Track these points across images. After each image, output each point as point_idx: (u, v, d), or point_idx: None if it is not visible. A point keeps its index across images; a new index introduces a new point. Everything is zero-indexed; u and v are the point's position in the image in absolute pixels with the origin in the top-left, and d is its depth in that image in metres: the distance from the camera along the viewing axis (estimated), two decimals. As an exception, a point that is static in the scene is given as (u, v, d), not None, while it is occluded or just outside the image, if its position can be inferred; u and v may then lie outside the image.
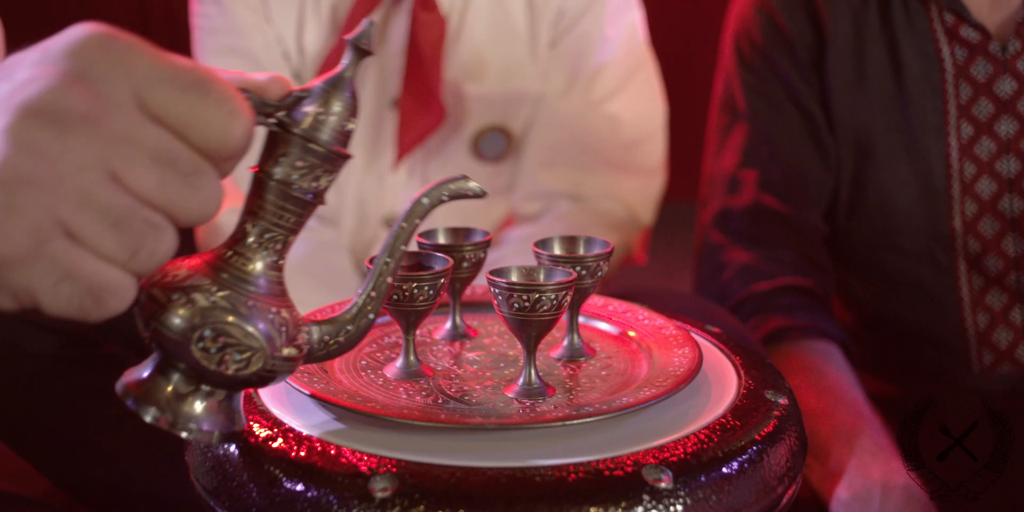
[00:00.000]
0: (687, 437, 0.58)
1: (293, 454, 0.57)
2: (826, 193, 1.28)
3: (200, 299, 0.51)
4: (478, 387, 0.66)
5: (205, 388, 0.54)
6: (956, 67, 1.23)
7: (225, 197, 0.71)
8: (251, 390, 0.64)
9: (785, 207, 1.26)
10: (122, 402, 0.54)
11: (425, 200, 0.58)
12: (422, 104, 1.32)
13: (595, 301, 0.78)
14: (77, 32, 0.47)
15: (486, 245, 0.73)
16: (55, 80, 0.45)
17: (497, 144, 1.38)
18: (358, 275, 1.37)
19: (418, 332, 0.72)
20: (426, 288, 0.65)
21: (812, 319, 1.20)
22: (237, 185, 1.32)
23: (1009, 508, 1.09)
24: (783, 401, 0.64)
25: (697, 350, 0.68)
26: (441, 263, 0.67)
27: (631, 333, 0.74)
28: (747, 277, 1.24)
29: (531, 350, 0.64)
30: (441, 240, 0.73)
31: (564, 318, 0.70)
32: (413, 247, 0.69)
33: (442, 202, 0.58)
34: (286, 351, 0.54)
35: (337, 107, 0.53)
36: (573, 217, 1.35)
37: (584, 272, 0.67)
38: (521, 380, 0.65)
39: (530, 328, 0.62)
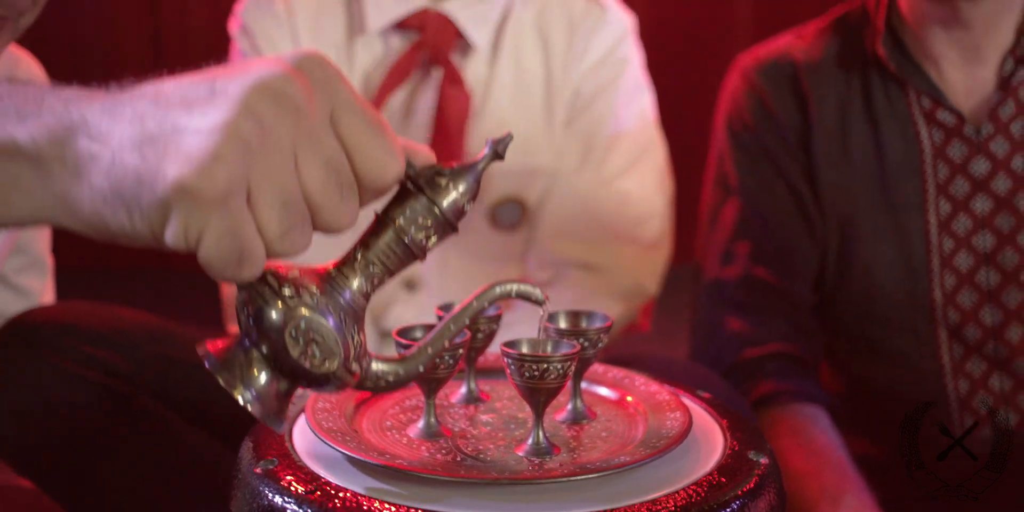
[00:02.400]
0: (677, 492, 0.66)
1: (331, 505, 0.64)
2: (813, 265, 1.36)
3: (306, 296, 0.60)
4: (492, 446, 0.74)
5: (274, 373, 0.62)
6: (934, 148, 1.30)
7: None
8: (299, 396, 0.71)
9: (775, 278, 1.34)
10: (200, 361, 0.62)
11: (498, 289, 0.68)
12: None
13: (597, 369, 0.86)
14: (300, 50, 0.58)
15: (498, 319, 0.81)
16: (287, 70, 0.54)
17: (512, 213, 1.46)
18: (376, 333, 1.45)
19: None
20: (447, 358, 0.73)
21: (799, 384, 1.27)
22: None
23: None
24: (764, 461, 0.72)
25: (688, 414, 0.76)
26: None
27: (629, 398, 0.82)
28: (739, 344, 1.31)
29: (539, 413, 0.72)
30: None
31: (569, 385, 0.78)
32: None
33: (509, 296, 0.68)
34: (353, 366, 0.62)
35: (463, 187, 0.63)
36: (583, 285, 1.42)
37: (587, 344, 0.76)
38: (530, 440, 0.72)
39: (539, 394, 0.70)
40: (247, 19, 1.44)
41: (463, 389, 0.84)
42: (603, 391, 0.85)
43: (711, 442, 0.75)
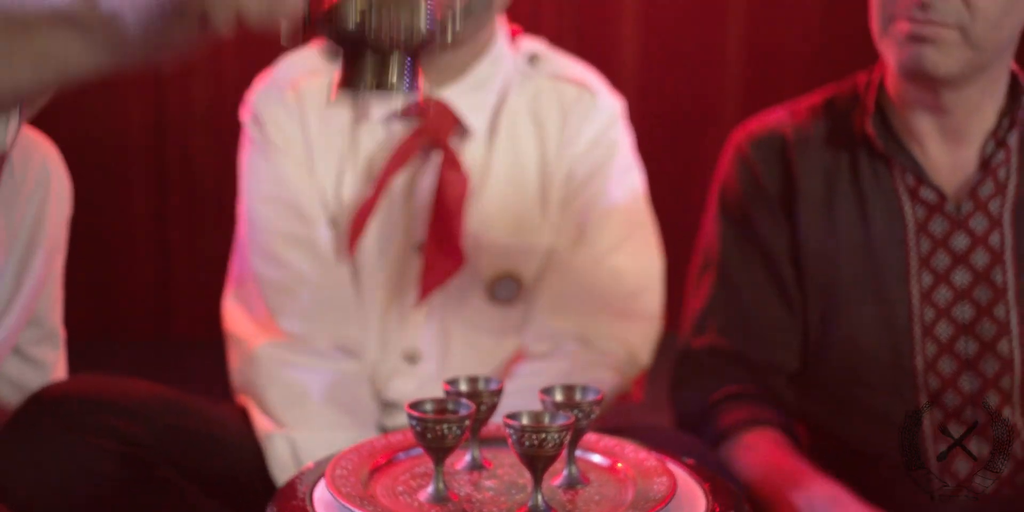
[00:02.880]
0: (663, 550, 0.74)
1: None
2: (792, 335, 1.41)
3: None
4: (495, 509, 0.81)
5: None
6: (917, 223, 1.36)
7: (264, 332, 0.91)
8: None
9: (741, 347, 1.40)
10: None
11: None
12: (444, 250, 1.46)
13: (590, 437, 0.94)
14: None
15: (499, 393, 0.89)
16: None
17: (509, 289, 1.52)
18: (378, 406, 1.51)
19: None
20: (454, 429, 0.81)
21: (752, 412, 1.32)
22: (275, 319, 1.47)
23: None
24: (743, 520, 0.80)
25: (673, 479, 0.83)
26: (465, 408, 0.83)
27: (619, 465, 0.90)
28: (700, 401, 1.37)
29: (538, 479, 0.79)
30: (463, 387, 0.90)
31: (564, 452, 0.86)
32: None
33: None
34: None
35: None
36: (578, 357, 1.47)
37: (581, 415, 0.84)
38: (530, 504, 0.80)
39: (537, 461, 0.78)
40: (258, 107, 1.51)
41: (468, 457, 0.91)
42: (596, 458, 0.92)
43: (694, 504, 0.83)
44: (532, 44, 1.58)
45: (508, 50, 1.54)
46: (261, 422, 1.39)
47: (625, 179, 1.56)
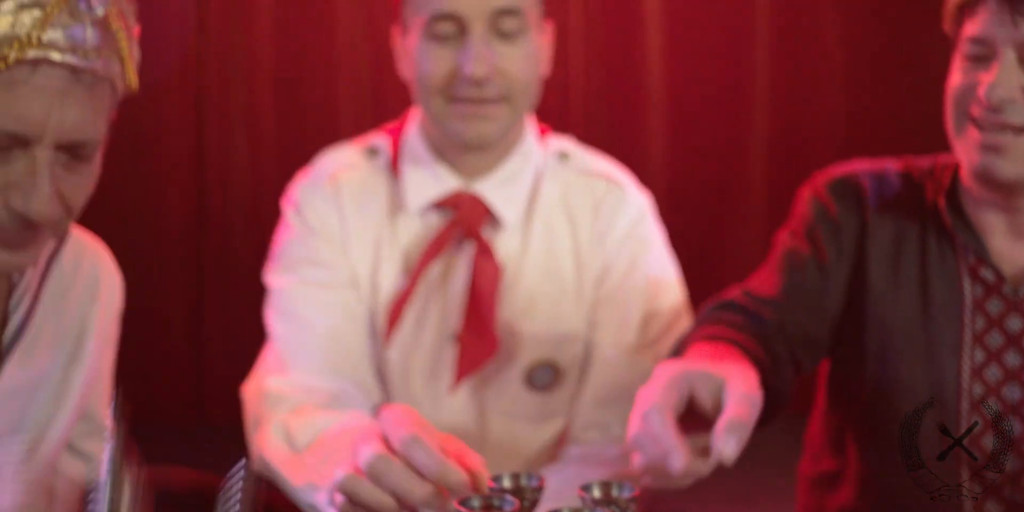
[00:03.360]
0: None
1: None
2: (816, 339, 1.40)
3: None
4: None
5: None
6: (974, 300, 1.38)
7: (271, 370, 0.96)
8: None
9: (759, 308, 1.38)
10: None
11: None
12: (479, 338, 1.49)
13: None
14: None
15: (541, 489, 0.92)
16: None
17: (546, 376, 1.54)
18: None
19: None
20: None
21: (714, 329, 1.30)
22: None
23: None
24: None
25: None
26: (509, 505, 0.86)
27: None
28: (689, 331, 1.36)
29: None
30: (507, 484, 0.93)
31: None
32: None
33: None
34: None
35: None
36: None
37: (618, 510, 0.86)
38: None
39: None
40: (300, 198, 1.58)
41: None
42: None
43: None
44: (561, 142, 1.64)
45: (537, 146, 1.61)
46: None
47: (661, 272, 1.60)
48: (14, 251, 1.04)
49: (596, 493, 0.90)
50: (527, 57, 1.50)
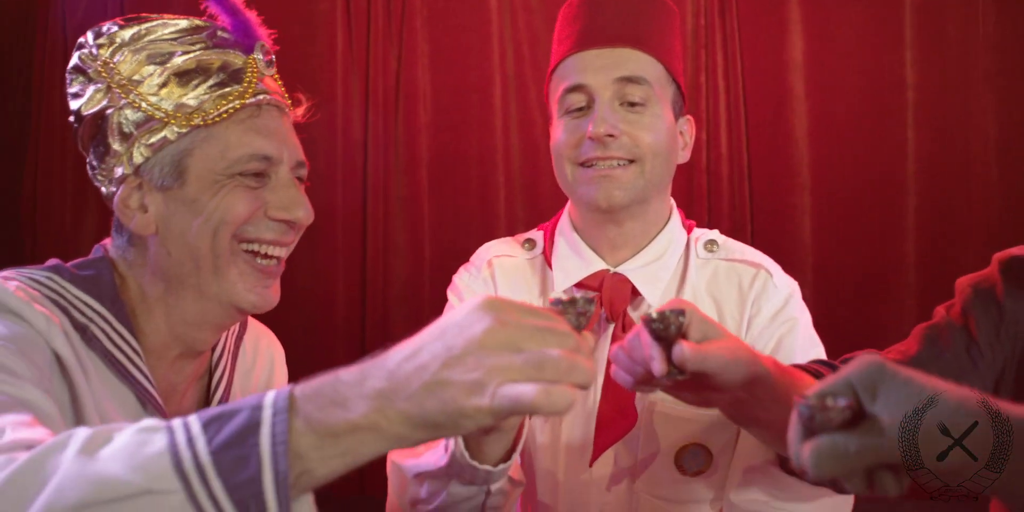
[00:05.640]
0: None
1: None
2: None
3: None
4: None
5: None
6: None
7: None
8: None
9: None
10: None
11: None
12: (618, 411, 1.53)
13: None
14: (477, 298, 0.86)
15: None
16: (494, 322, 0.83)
17: (697, 459, 1.55)
18: None
19: None
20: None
21: None
22: None
23: None
24: None
25: None
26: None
27: None
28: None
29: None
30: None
31: None
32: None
33: None
34: None
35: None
36: None
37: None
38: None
39: None
40: (460, 283, 1.70)
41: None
42: None
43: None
44: (709, 232, 1.69)
45: (682, 232, 1.67)
46: None
47: (808, 354, 1.60)
48: (262, 292, 1.28)
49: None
50: (653, 123, 1.56)
